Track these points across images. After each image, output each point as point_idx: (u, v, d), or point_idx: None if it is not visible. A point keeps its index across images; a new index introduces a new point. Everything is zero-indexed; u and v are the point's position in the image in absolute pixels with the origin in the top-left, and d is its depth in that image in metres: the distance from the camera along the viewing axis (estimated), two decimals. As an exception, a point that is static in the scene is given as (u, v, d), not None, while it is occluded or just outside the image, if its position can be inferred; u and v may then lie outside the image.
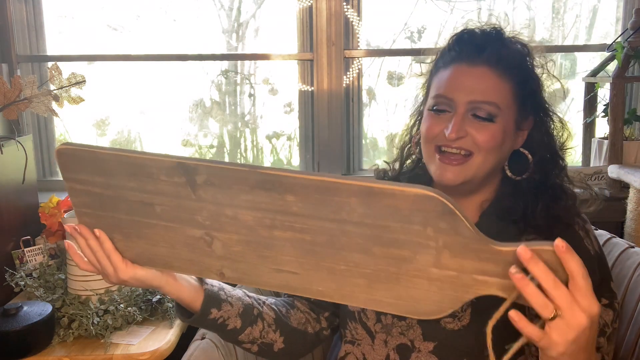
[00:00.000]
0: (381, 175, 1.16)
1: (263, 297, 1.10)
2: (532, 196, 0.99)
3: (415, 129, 1.11)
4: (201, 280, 0.98)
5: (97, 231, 0.83)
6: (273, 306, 1.08)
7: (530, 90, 0.99)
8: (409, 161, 1.13)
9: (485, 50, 0.96)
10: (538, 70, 1.02)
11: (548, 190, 0.99)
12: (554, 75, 1.04)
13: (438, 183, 0.99)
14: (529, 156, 1.00)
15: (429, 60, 1.07)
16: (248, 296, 1.05)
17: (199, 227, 0.75)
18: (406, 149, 1.13)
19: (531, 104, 0.99)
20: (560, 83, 1.05)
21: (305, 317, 1.11)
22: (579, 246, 0.96)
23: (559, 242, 0.62)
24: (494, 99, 0.94)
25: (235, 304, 1.00)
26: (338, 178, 0.64)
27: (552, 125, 1.03)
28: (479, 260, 0.65)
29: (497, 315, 0.67)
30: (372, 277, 0.70)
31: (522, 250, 0.62)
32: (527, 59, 1.01)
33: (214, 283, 1.00)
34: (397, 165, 1.15)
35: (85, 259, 0.87)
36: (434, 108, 0.98)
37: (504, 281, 0.65)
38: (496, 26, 1.02)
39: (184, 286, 0.93)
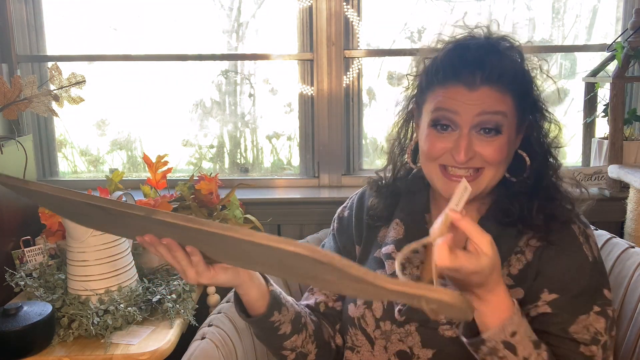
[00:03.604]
0: (374, 186, 1.15)
1: (305, 307, 1.12)
2: (527, 197, 0.98)
3: (403, 133, 1.09)
4: (267, 281, 1.00)
5: (188, 248, 0.82)
6: (312, 317, 1.10)
7: (529, 97, 0.97)
8: (402, 171, 1.12)
9: (483, 68, 0.91)
10: (532, 68, 1.00)
11: (542, 190, 0.99)
12: (548, 76, 1.01)
13: (446, 197, 0.95)
14: (527, 159, 0.99)
15: (415, 65, 1.04)
16: (296, 304, 1.07)
17: None
18: (398, 157, 1.11)
19: (529, 108, 0.98)
20: (555, 84, 1.03)
21: (330, 331, 1.12)
22: (577, 251, 0.96)
23: (452, 213, 0.79)
24: (501, 108, 0.92)
25: (290, 309, 1.02)
26: (227, 230, 0.66)
27: (546, 124, 1.02)
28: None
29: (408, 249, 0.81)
30: None
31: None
32: (523, 63, 0.97)
33: (276, 286, 1.02)
34: (389, 175, 1.13)
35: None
36: (438, 123, 0.94)
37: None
38: (489, 32, 0.98)
39: (256, 285, 0.96)
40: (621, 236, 1.58)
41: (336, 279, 0.68)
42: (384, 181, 1.14)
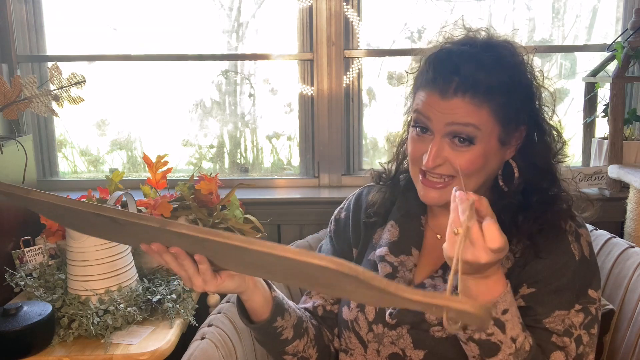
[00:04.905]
0: (377, 179, 1.15)
1: (305, 311, 1.12)
2: (517, 208, 0.96)
3: (406, 127, 1.09)
4: (270, 288, 1.00)
5: (197, 256, 0.82)
6: (313, 321, 1.10)
7: (518, 104, 0.94)
8: (404, 163, 1.12)
9: (458, 75, 0.90)
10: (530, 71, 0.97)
11: (535, 203, 0.97)
12: (542, 86, 0.99)
13: (423, 201, 1.00)
14: (515, 171, 0.97)
15: (415, 63, 1.04)
16: (297, 308, 1.07)
17: None
18: (402, 150, 1.11)
19: (520, 117, 0.95)
20: (550, 92, 1.00)
21: (329, 334, 1.13)
22: (564, 250, 0.96)
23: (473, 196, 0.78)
24: (472, 120, 0.90)
25: (292, 314, 1.02)
26: (249, 244, 0.64)
27: (546, 134, 0.99)
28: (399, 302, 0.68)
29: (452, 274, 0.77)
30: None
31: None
32: (516, 70, 0.94)
33: (278, 291, 1.02)
34: (392, 167, 1.13)
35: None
36: (416, 125, 0.96)
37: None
38: (478, 36, 0.96)
39: (260, 291, 0.96)
40: (621, 236, 1.58)
41: (354, 288, 0.68)
42: (385, 175, 1.14)
